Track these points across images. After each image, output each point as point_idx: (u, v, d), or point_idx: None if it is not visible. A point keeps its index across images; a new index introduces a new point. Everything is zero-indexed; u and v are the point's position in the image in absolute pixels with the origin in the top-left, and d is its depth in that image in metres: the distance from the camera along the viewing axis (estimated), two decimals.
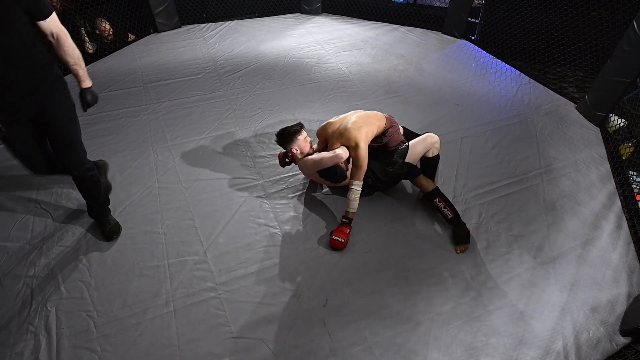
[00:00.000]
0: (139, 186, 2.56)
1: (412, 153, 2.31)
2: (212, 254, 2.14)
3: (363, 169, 2.15)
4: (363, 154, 2.12)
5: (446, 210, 2.22)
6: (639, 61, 2.80)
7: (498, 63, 4.20)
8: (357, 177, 2.15)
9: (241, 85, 3.74)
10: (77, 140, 1.86)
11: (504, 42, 4.22)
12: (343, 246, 2.15)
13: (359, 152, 2.11)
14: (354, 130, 2.13)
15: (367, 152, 2.15)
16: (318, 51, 4.43)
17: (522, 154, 2.92)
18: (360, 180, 2.16)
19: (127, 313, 1.86)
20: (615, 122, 3.10)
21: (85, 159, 1.93)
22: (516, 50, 4.12)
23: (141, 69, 4.00)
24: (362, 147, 2.12)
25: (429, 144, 2.31)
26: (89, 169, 1.95)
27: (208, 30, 4.94)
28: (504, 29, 4.20)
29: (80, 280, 1.99)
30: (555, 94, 3.68)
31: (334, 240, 2.15)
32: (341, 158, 2.14)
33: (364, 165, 2.15)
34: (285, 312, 1.88)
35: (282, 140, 2.29)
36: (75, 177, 1.95)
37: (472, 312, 1.90)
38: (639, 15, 2.75)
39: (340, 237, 2.14)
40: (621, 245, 2.24)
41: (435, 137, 2.34)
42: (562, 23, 3.75)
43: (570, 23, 3.74)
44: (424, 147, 2.31)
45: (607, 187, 2.64)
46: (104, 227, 2.18)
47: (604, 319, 1.89)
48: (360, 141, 2.11)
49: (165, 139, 3.01)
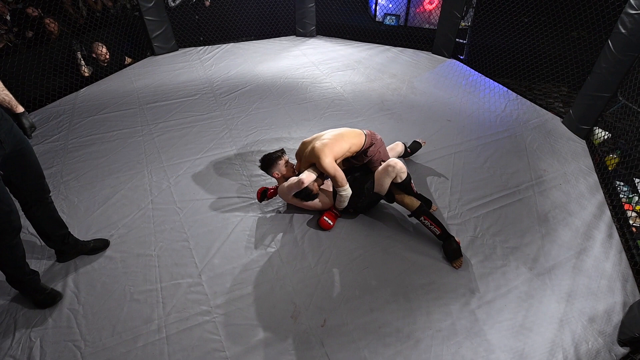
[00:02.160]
0: (133, 208, 2.54)
1: (379, 186, 2.33)
2: (207, 276, 2.10)
3: (338, 177, 2.26)
4: (330, 166, 2.22)
5: (433, 227, 2.23)
6: (617, 77, 2.95)
7: (486, 81, 4.34)
8: (336, 185, 2.31)
9: (237, 105, 3.79)
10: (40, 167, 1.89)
11: (491, 60, 4.38)
12: (330, 228, 2.37)
13: (325, 166, 2.21)
14: (318, 149, 2.24)
15: (334, 164, 2.25)
16: (313, 71, 4.53)
17: (513, 167, 2.98)
18: (342, 185, 2.29)
19: (117, 341, 1.79)
20: (599, 135, 3.20)
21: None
22: (503, 68, 4.28)
23: (137, 91, 4.05)
24: (327, 162, 2.21)
25: (394, 174, 2.26)
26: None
27: (205, 52, 5.04)
28: (491, 48, 4.38)
29: (67, 307, 1.91)
30: (542, 109, 3.80)
31: (324, 221, 2.35)
32: (303, 183, 2.22)
33: (337, 173, 2.25)
34: (283, 334, 1.84)
35: (265, 165, 2.41)
36: (42, 205, 1.92)
37: (472, 327, 1.90)
38: (613, 35, 2.92)
39: (330, 220, 2.37)
40: (613, 254, 2.28)
41: (397, 166, 2.24)
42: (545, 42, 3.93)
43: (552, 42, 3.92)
44: (390, 178, 2.28)
45: (596, 197, 2.70)
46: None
47: (601, 329, 1.90)
48: (324, 157, 2.21)
49: (160, 159, 3.01)
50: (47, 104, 3.80)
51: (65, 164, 2.95)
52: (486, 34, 4.44)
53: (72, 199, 2.61)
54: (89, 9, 4.41)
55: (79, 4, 4.33)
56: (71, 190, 2.69)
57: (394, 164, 2.24)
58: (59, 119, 3.56)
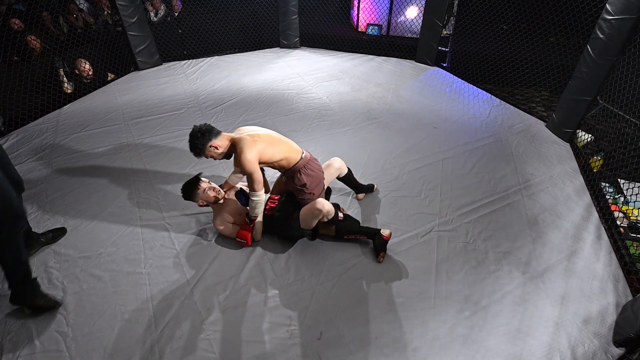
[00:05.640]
0: (121, 225, 2.48)
1: (304, 222, 2.18)
2: (199, 292, 2.06)
3: (255, 178, 2.03)
4: (250, 164, 2.00)
5: (359, 237, 2.31)
6: (597, 81, 3.03)
7: (470, 87, 4.43)
8: (251, 187, 2.08)
9: (224, 118, 3.77)
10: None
11: (473, 67, 4.48)
12: (246, 243, 2.26)
13: (245, 161, 1.99)
14: (246, 141, 2.02)
15: (256, 164, 2.02)
16: (298, 82, 4.55)
17: (501, 171, 3.02)
18: (256, 190, 2.07)
19: None
20: (583, 138, 3.28)
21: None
22: (485, 74, 4.38)
23: (122, 107, 3.99)
24: (249, 158, 1.99)
25: (321, 216, 2.12)
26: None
27: (189, 66, 5.02)
28: (473, 55, 4.48)
29: (56, 330, 1.85)
30: (525, 114, 3.88)
31: (239, 242, 2.26)
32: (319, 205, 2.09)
33: (255, 175, 2.03)
34: (279, 348, 1.80)
35: (186, 197, 2.27)
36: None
37: (469, 334, 1.88)
38: (591, 40, 3.00)
39: (243, 239, 2.24)
40: (604, 255, 2.30)
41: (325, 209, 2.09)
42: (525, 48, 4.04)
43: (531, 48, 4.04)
44: (316, 220, 2.14)
45: (583, 199, 2.75)
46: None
47: (596, 330, 1.91)
48: (248, 152, 1.99)
49: (147, 175, 2.96)
50: (30, 122, 3.72)
51: (50, 182, 2.89)
52: (468, 42, 4.55)
53: (58, 217, 2.55)
54: (70, 26, 4.36)
55: (59, 20, 4.28)
56: (57, 209, 2.62)
57: (321, 207, 2.07)
58: (42, 137, 3.48)
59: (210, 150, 2.06)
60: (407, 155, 3.21)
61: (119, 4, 4.35)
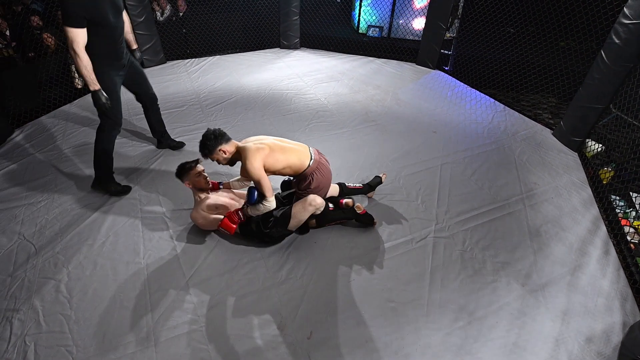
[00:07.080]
0: (122, 217, 2.48)
1: (295, 220, 2.16)
2: (194, 285, 2.04)
3: (263, 185, 2.03)
4: (256, 171, 2.01)
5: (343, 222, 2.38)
6: (611, 88, 2.86)
7: (472, 92, 4.30)
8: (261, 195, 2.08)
9: (224, 116, 3.73)
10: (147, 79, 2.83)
11: (476, 71, 4.35)
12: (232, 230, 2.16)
13: (251, 170, 2.00)
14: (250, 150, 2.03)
15: (262, 170, 2.03)
16: (297, 83, 4.48)
17: (502, 179, 2.87)
18: (267, 197, 2.06)
19: (107, 347, 1.75)
20: (592, 147, 3.12)
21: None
22: (489, 79, 4.24)
23: (126, 103, 3.90)
24: (256, 166, 2.00)
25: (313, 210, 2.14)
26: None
27: (192, 65, 5.03)
28: (477, 59, 4.36)
29: (60, 313, 1.90)
30: (530, 121, 3.74)
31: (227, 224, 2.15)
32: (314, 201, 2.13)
33: (263, 181, 2.03)
34: (269, 345, 1.76)
35: (177, 173, 2.29)
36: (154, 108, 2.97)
37: (463, 344, 1.75)
38: (606, 46, 2.85)
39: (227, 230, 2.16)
40: (611, 272, 2.15)
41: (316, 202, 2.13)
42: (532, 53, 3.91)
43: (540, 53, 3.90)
44: (308, 214, 2.15)
45: (591, 211, 2.59)
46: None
47: (600, 350, 1.75)
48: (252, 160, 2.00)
49: (149, 169, 2.94)
50: (43, 115, 3.79)
51: (59, 172, 2.92)
52: (472, 45, 4.43)
53: (65, 206, 2.58)
54: None
55: None
56: (65, 198, 2.65)
57: (312, 201, 2.11)
58: (54, 129, 3.54)
59: (218, 153, 2.09)
60: (404, 159, 3.08)
61: (128, 4, 4.37)
